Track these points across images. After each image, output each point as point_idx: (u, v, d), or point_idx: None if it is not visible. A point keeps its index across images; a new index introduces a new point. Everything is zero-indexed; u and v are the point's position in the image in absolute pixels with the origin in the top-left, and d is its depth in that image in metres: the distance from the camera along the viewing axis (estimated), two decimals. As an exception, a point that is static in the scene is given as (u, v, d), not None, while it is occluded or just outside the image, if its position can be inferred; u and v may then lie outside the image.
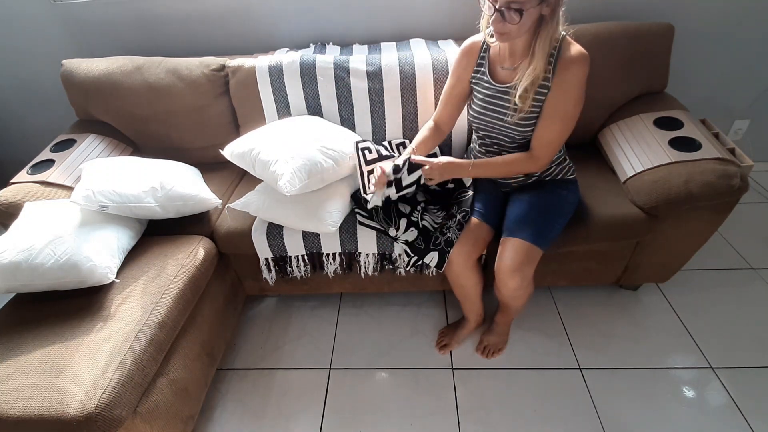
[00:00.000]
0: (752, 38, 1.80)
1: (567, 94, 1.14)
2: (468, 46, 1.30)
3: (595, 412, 1.35)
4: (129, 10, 1.81)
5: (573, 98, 1.14)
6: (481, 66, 1.28)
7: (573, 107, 1.16)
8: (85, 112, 1.78)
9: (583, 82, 1.13)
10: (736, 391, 1.36)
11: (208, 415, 1.42)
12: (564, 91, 1.13)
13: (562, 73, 1.12)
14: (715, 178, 1.26)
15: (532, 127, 1.22)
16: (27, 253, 1.15)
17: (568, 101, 1.15)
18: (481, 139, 1.38)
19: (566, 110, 1.16)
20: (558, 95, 1.14)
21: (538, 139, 1.21)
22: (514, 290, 1.26)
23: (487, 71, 1.26)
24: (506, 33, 1.07)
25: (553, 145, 1.21)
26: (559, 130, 1.19)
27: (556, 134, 1.19)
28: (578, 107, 1.16)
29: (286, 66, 1.59)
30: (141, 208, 1.35)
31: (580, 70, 1.11)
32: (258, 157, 1.37)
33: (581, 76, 1.12)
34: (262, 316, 1.74)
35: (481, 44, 1.27)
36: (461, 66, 1.31)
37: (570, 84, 1.12)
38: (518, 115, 1.19)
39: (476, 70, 1.29)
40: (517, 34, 1.08)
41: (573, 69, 1.11)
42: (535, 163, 1.24)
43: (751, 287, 1.68)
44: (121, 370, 1.03)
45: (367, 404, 1.42)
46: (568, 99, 1.14)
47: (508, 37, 1.08)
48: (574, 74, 1.11)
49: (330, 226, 1.34)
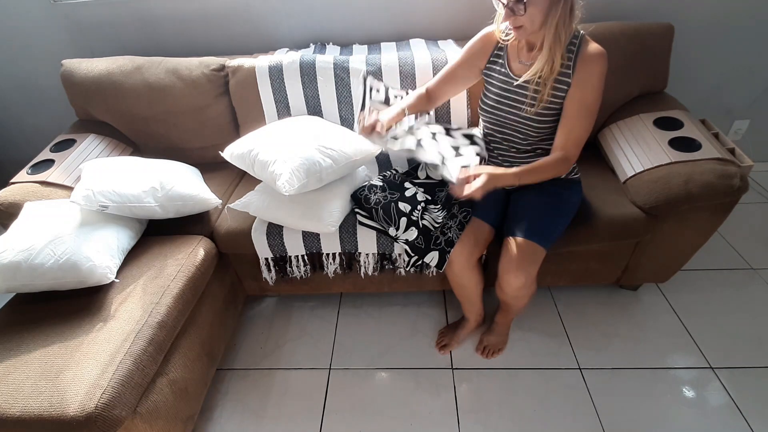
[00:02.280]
0: (752, 38, 1.80)
1: (588, 90, 1.16)
2: (487, 33, 1.30)
3: (595, 412, 1.35)
4: (129, 10, 1.80)
5: (594, 94, 1.17)
6: (498, 57, 1.28)
7: (594, 103, 1.18)
8: (85, 112, 1.78)
9: (602, 78, 1.15)
10: (736, 391, 1.36)
11: (208, 415, 1.42)
12: (585, 88, 1.16)
13: (582, 70, 1.14)
14: (715, 178, 1.26)
15: (548, 124, 1.23)
16: (27, 253, 1.16)
17: (590, 97, 1.17)
18: (490, 134, 1.37)
19: (589, 106, 1.18)
20: (579, 92, 1.16)
21: (567, 137, 1.22)
22: (517, 290, 1.25)
23: (506, 62, 1.26)
24: (521, 26, 1.10)
25: (582, 141, 1.22)
26: (586, 126, 1.20)
27: (583, 130, 1.21)
28: (598, 102, 1.19)
29: (286, 66, 1.60)
30: (141, 208, 1.35)
31: (599, 67, 1.14)
32: (257, 157, 1.37)
33: (601, 72, 1.14)
34: (262, 316, 1.74)
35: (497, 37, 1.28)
36: (475, 49, 1.32)
37: (590, 80, 1.15)
38: (536, 108, 1.20)
39: (492, 61, 1.30)
40: (531, 26, 1.09)
41: (592, 65, 1.14)
42: (569, 162, 1.24)
43: (751, 287, 1.68)
44: (121, 370, 1.03)
45: (367, 404, 1.42)
46: (589, 95, 1.16)
47: (524, 30, 1.11)
48: (593, 71, 1.14)
49: (330, 226, 1.34)
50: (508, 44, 1.26)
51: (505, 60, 1.27)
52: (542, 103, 1.19)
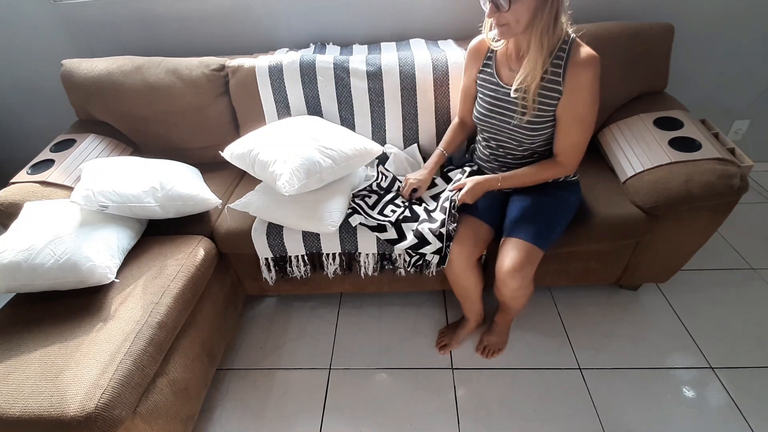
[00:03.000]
0: (752, 38, 1.80)
1: (580, 98, 1.14)
2: (475, 45, 1.31)
3: (595, 412, 1.35)
4: (129, 10, 1.80)
5: (587, 101, 1.14)
6: (487, 66, 1.28)
7: (589, 110, 1.16)
8: (85, 112, 1.78)
9: (595, 84, 1.12)
10: (736, 391, 1.36)
11: (208, 415, 1.42)
12: (577, 96, 1.13)
13: (573, 77, 1.12)
14: (715, 178, 1.26)
15: (541, 132, 1.22)
16: (27, 253, 1.16)
17: (583, 105, 1.14)
18: (486, 141, 1.38)
19: (583, 114, 1.16)
20: (571, 100, 1.14)
21: (562, 145, 1.22)
22: (514, 290, 1.25)
23: (495, 71, 1.26)
24: (506, 24, 1.07)
25: (578, 148, 1.22)
26: (580, 133, 1.19)
27: (578, 138, 1.20)
28: (594, 108, 1.16)
29: (286, 66, 1.60)
30: (141, 208, 1.35)
31: (590, 73, 1.11)
32: (257, 157, 1.37)
33: (592, 78, 1.11)
34: (262, 316, 1.74)
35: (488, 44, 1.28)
36: (470, 61, 1.33)
37: (582, 88, 1.12)
38: (526, 118, 1.19)
39: (482, 70, 1.30)
40: (517, 25, 1.06)
41: (583, 72, 1.11)
42: (564, 168, 1.25)
43: (751, 287, 1.68)
44: (121, 370, 1.03)
45: (367, 404, 1.42)
46: (582, 103, 1.14)
47: (509, 29, 1.08)
48: (584, 78, 1.11)
49: (330, 225, 1.34)
50: (497, 52, 1.26)
51: (494, 68, 1.26)
52: (532, 111, 1.18)
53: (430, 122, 1.62)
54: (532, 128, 1.21)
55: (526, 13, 1.04)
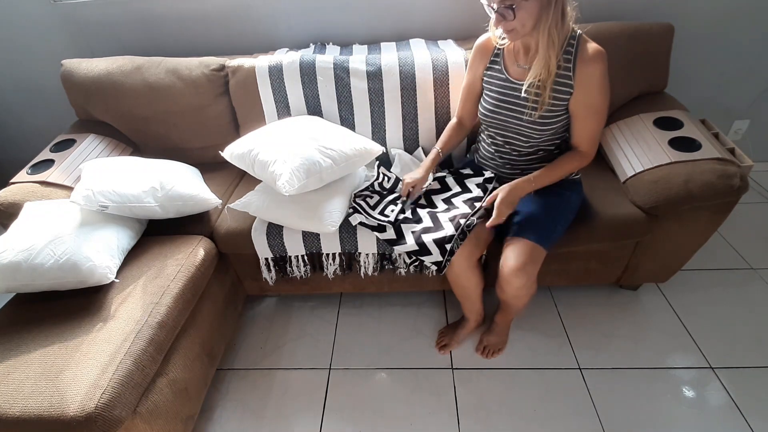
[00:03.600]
0: (752, 38, 1.80)
1: (592, 90, 1.17)
2: (482, 42, 1.32)
3: (595, 412, 1.35)
4: (129, 10, 1.80)
5: (599, 93, 1.17)
6: (495, 63, 1.29)
7: (602, 101, 1.19)
8: (85, 112, 1.78)
9: (604, 77, 1.16)
10: (736, 391, 1.36)
11: (208, 415, 1.42)
12: (589, 90, 1.16)
13: (583, 72, 1.15)
14: (715, 178, 1.26)
15: (551, 126, 1.24)
16: (27, 253, 1.16)
17: (595, 96, 1.17)
18: (491, 137, 1.38)
19: (596, 105, 1.19)
20: (584, 94, 1.17)
21: (580, 137, 1.25)
22: (517, 290, 1.25)
23: (503, 67, 1.27)
24: (512, 30, 1.10)
25: (596, 136, 1.25)
26: (596, 123, 1.22)
27: (595, 128, 1.23)
28: (607, 98, 1.19)
29: (286, 66, 1.60)
30: (141, 208, 1.35)
31: (599, 68, 1.14)
32: (257, 157, 1.37)
33: (601, 72, 1.15)
34: (262, 316, 1.74)
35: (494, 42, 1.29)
36: (475, 60, 1.34)
37: (592, 81, 1.15)
38: (539, 112, 1.20)
39: (489, 67, 1.31)
40: (523, 29, 1.09)
41: (592, 66, 1.14)
42: (585, 157, 1.27)
43: (751, 287, 1.68)
44: (121, 370, 1.03)
45: (367, 404, 1.42)
46: (594, 95, 1.17)
47: (516, 33, 1.11)
48: (593, 71, 1.14)
49: (330, 225, 1.34)
50: (505, 48, 1.27)
51: (501, 64, 1.27)
52: (545, 107, 1.20)
53: (430, 122, 1.62)
54: (543, 123, 1.23)
55: (531, 18, 1.07)
